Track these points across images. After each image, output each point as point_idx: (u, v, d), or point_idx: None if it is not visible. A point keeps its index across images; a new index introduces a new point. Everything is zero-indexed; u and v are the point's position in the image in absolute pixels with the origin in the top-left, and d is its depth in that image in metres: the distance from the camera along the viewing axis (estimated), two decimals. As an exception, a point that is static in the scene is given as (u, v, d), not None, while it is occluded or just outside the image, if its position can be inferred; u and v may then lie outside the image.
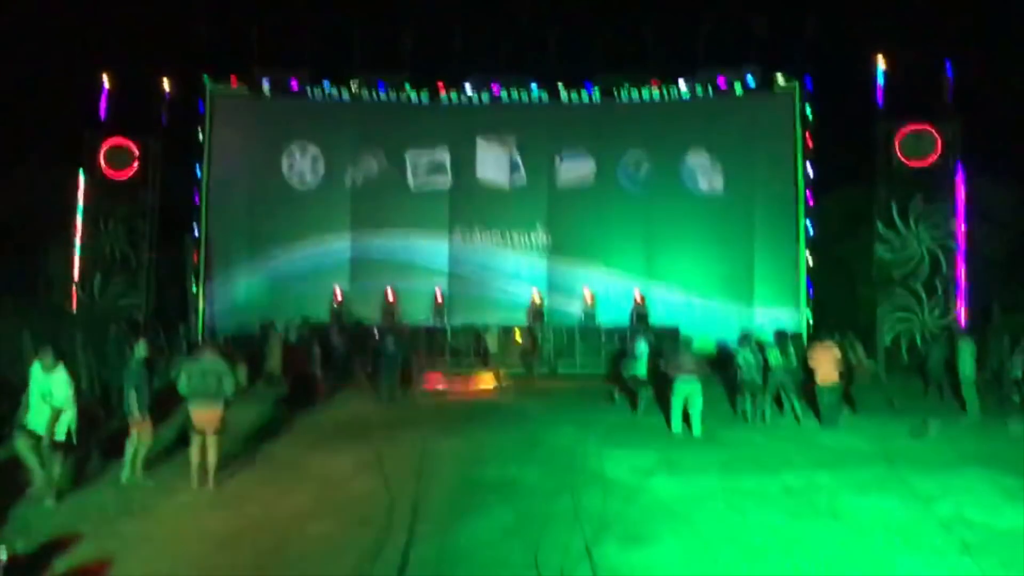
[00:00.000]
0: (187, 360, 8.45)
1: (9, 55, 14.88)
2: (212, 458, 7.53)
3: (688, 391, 9.91)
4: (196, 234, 17.62)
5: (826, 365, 10.48)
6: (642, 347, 11.52)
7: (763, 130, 17.78)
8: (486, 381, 14.68)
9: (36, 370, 7.12)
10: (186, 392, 7.60)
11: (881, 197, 15.45)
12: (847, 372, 11.01)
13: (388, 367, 12.59)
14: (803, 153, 17.33)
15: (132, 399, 7.59)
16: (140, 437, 7.69)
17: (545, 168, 18.49)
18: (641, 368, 11.34)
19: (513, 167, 18.60)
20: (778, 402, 11.07)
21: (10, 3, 15.50)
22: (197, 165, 17.71)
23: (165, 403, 8.67)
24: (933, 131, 15.24)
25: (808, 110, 17.25)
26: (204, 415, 7.50)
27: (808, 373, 11.25)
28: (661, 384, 10.88)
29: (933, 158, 15.24)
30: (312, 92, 18.19)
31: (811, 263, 17.18)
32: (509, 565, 5.57)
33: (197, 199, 17.71)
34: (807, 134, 17.25)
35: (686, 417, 9.97)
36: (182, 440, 8.14)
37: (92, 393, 10.58)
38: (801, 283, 17.32)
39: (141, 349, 8.00)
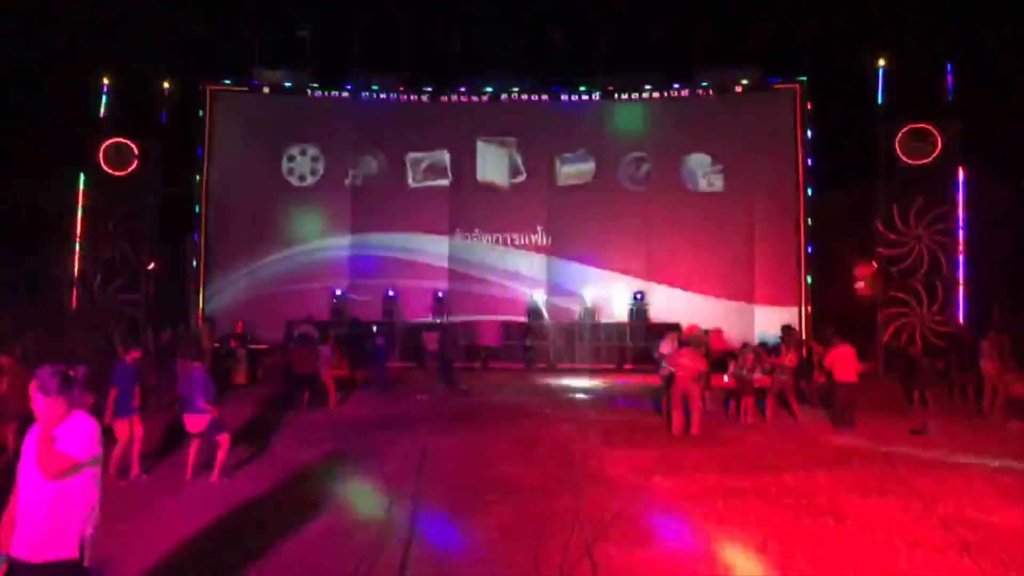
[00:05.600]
0: (184, 366, 8.51)
1: (9, 55, 14.87)
2: (192, 451, 7.75)
3: (684, 388, 9.91)
4: (196, 234, 17.63)
5: (844, 365, 10.47)
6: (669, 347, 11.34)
7: (763, 130, 17.80)
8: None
9: None
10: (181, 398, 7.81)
11: (881, 197, 15.46)
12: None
13: (378, 361, 13.47)
14: (803, 153, 17.34)
15: (114, 401, 7.75)
16: (118, 438, 7.76)
17: (545, 168, 18.48)
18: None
19: (513, 167, 18.60)
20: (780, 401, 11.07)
21: (10, 3, 15.49)
22: (197, 165, 17.71)
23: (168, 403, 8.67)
24: (933, 130, 15.25)
25: (808, 110, 17.26)
26: (192, 420, 7.70)
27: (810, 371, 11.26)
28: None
29: (933, 157, 15.24)
30: (312, 92, 18.19)
31: (811, 263, 17.20)
32: (509, 565, 5.56)
33: (197, 199, 17.71)
34: (807, 134, 17.26)
35: (686, 415, 9.98)
36: (182, 439, 8.16)
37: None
38: (801, 282, 17.34)
39: (133, 351, 8.17)
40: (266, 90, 18.05)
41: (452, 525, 6.38)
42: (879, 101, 15.79)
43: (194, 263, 17.66)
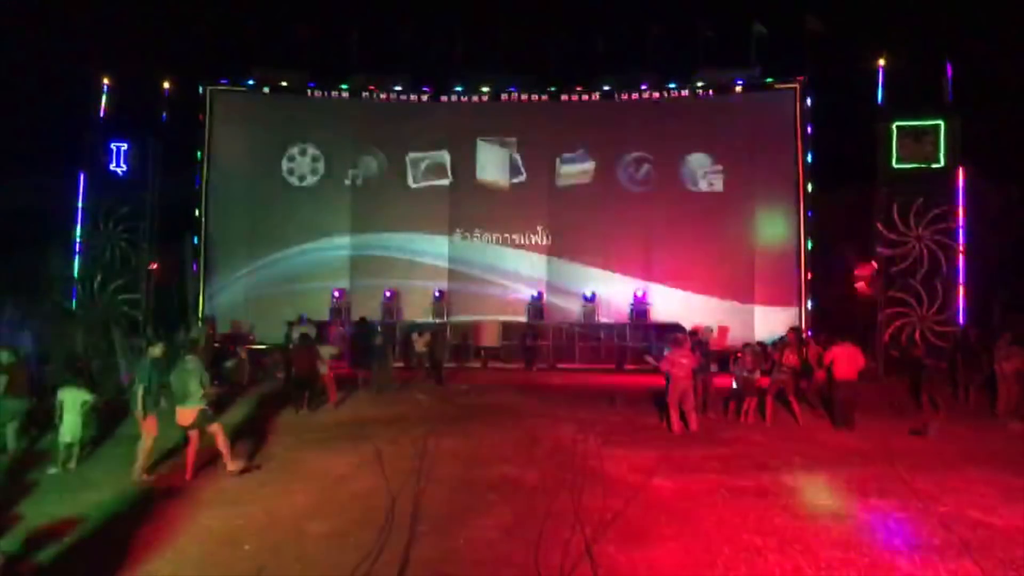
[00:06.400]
0: (177, 362, 8.48)
1: (10, 56, 14.89)
2: (191, 451, 7.77)
3: (682, 389, 9.92)
4: (196, 234, 17.64)
5: (845, 363, 10.45)
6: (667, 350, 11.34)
7: (763, 130, 17.80)
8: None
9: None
10: (173, 392, 7.79)
11: (881, 197, 15.46)
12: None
13: (379, 360, 13.50)
14: (803, 153, 17.35)
15: (143, 397, 7.74)
16: (147, 435, 7.78)
17: (545, 168, 18.48)
18: None
19: (513, 167, 18.61)
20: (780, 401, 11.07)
21: (11, 3, 15.50)
22: (197, 165, 17.72)
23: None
24: (933, 130, 15.25)
25: (808, 110, 17.27)
26: (183, 413, 7.71)
27: (810, 371, 11.24)
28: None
29: (933, 157, 15.24)
30: (312, 92, 18.20)
31: (811, 262, 17.20)
32: (509, 565, 5.56)
33: (197, 199, 17.72)
34: (807, 134, 17.27)
35: (684, 415, 9.99)
36: (183, 440, 8.17)
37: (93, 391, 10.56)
38: (801, 283, 17.35)
39: (156, 350, 8.14)
40: (266, 90, 18.05)
41: (452, 525, 6.38)
42: (879, 101, 15.79)
43: (194, 263, 17.66)
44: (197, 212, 17.73)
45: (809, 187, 17.25)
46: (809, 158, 17.27)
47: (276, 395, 12.33)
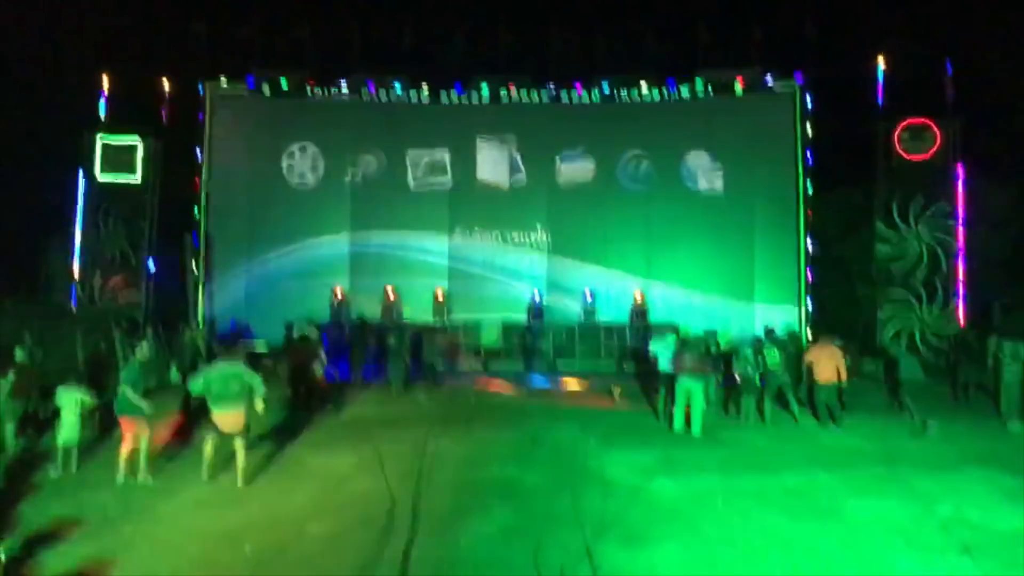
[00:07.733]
0: (208, 365, 8.45)
1: (9, 55, 14.90)
2: (240, 459, 7.65)
3: (691, 389, 9.91)
4: (196, 234, 17.64)
5: (825, 364, 10.48)
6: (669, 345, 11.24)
7: (763, 130, 17.79)
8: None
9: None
10: (203, 394, 7.70)
11: (881, 196, 15.48)
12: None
13: (394, 362, 13.42)
14: (803, 153, 17.36)
15: (131, 399, 7.72)
16: (139, 436, 7.76)
17: (545, 168, 18.49)
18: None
19: (513, 167, 18.61)
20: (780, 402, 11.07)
21: (10, 3, 15.51)
22: (197, 165, 17.72)
23: (164, 404, 8.67)
24: (932, 125, 15.25)
25: (808, 110, 17.27)
26: (226, 418, 7.61)
27: (805, 372, 11.27)
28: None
29: (933, 153, 15.24)
30: (312, 92, 18.19)
31: (811, 262, 17.21)
32: (509, 565, 5.57)
33: (197, 199, 17.72)
34: (807, 133, 17.28)
35: (688, 416, 9.99)
36: (185, 440, 8.17)
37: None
38: (801, 282, 17.35)
39: (143, 350, 8.14)
40: (266, 90, 18.05)
41: (452, 525, 6.39)
42: (879, 100, 15.79)
43: (194, 263, 17.65)
44: (197, 212, 17.71)
45: (809, 186, 17.25)
46: (809, 157, 17.27)
47: (275, 396, 12.32)
